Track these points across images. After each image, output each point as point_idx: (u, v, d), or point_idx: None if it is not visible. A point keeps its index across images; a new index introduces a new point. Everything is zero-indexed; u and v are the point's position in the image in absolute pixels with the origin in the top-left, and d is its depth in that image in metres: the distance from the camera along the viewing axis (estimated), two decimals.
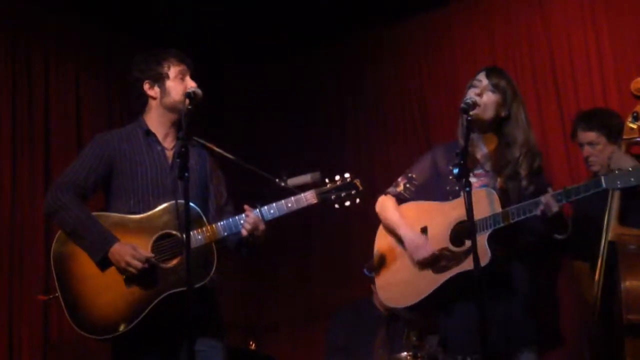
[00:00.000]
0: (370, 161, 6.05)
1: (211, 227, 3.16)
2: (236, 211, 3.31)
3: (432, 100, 5.76)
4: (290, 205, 3.18)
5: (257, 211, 3.18)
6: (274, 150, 6.20)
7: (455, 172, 2.87)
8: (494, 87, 3.25)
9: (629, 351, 3.35)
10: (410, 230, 3.38)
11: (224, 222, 3.18)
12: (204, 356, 3.09)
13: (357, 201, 3.22)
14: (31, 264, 4.86)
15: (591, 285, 3.68)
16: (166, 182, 3.24)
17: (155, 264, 3.09)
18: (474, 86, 3.29)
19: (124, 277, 3.10)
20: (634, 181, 2.86)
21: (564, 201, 2.98)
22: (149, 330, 3.08)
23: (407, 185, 3.49)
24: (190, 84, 3.30)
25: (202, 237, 3.13)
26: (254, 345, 5.33)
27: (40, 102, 5.14)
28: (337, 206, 3.22)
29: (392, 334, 4.90)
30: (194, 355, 2.80)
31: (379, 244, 3.53)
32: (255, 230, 3.15)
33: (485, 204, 3.10)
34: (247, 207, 3.19)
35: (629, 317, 3.32)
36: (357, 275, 5.69)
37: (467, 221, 3.11)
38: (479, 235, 3.10)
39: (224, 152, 3.40)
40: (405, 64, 5.98)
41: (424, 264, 3.32)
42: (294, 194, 3.19)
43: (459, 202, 3.23)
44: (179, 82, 3.30)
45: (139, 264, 3.06)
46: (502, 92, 3.25)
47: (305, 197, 3.19)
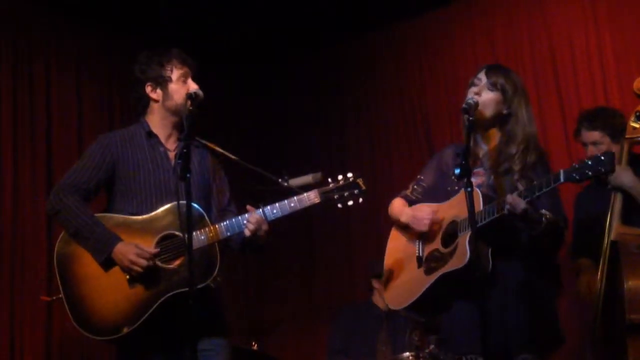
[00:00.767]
0: (371, 161, 6.06)
1: (214, 227, 3.15)
2: (239, 211, 3.30)
3: (433, 100, 5.76)
4: (293, 205, 3.16)
5: (260, 211, 3.16)
6: (274, 150, 6.20)
7: (456, 172, 2.84)
8: (492, 85, 3.22)
9: (631, 351, 3.34)
10: (409, 210, 3.34)
11: (226, 223, 3.17)
12: (208, 356, 3.09)
13: (360, 201, 3.21)
14: (33, 264, 4.87)
15: (595, 280, 3.67)
16: (169, 184, 3.23)
17: (158, 264, 3.09)
18: (474, 84, 3.27)
19: (128, 278, 3.09)
20: (591, 173, 2.85)
21: (529, 197, 2.91)
22: (153, 330, 3.07)
23: (415, 187, 3.46)
24: (192, 86, 3.27)
25: (205, 237, 3.12)
26: (256, 345, 5.33)
27: (41, 102, 5.15)
28: (340, 206, 3.20)
29: (394, 333, 4.91)
30: (198, 354, 2.80)
31: (389, 246, 3.51)
32: (258, 230, 3.15)
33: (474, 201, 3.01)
34: (250, 207, 3.18)
35: (632, 316, 3.31)
36: (358, 275, 5.71)
37: (455, 221, 3.14)
38: (461, 235, 3.09)
39: (226, 153, 3.38)
40: (405, 64, 5.99)
41: (419, 260, 3.27)
42: (297, 194, 3.17)
43: (452, 203, 3.23)
44: (181, 85, 3.27)
45: (143, 262, 3.05)
46: (501, 90, 3.22)
47: (308, 196, 3.17)
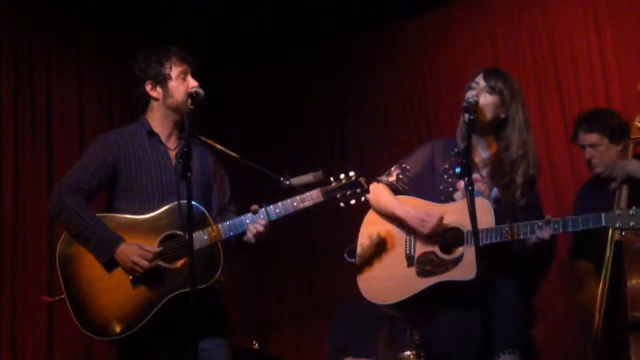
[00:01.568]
0: (371, 161, 6.04)
1: (216, 227, 3.14)
2: (238, 210, 3.30)
3: (434, 99, 5.75)
4: (295, 204, 3.15)
5: (263, 210, 3.15)
6: (274, 150, 6.19)
7: (457, 170, 2.82)
8: (491, 89, 3.21)
9: (634, 349, 3.35)
10: (408, 207, 3.25)
11: (229, 222, 3.16)
12: (209, 355, 3.08)
13: (363, 199, 3.19)
14: (34, 265, 4.85)
15: (596, 290, 3.67)
16: (170, 183, 3.22)
17: (161, 264, 3.08)
18: (471, 88, 3.26)
19: (131, 278, 3.08)
20: (634, 225, 2.85)
21: (560, 231, 2.91)
22: (156, 331, 3.06)
23: (401, 176, 3.36)
24: (192, 84, 3.26)
25: (207, 237, 3.11)
26: (257, 344, 5.33)
27: (42, 102, 5.14)
28: (342, 205, 3.18)
29: (395, 332, 4.90)
30: (199, 353, 2.80)
31: (368, 231, 3.37)
32: (263, 233, 3.14)
33: (481, 213, 2.92)
34: (256, 207, 3.16)
35: (635, 314, 3.33)
36: None
37: (459, 229, 3.09)
38: (468, 246, 3.06)
39: (227, 150, 3.36)
40: (406, 63, 5.97)
41: (409, 259, 3.22)
42: (299, 193, 3.16)
43: (453, 207, 3.19)
44: (181, 82, 3.26)
45: (145, 263, 3.04)
46: (499, 94, 3.20)
47: (310, 195, 3.15)
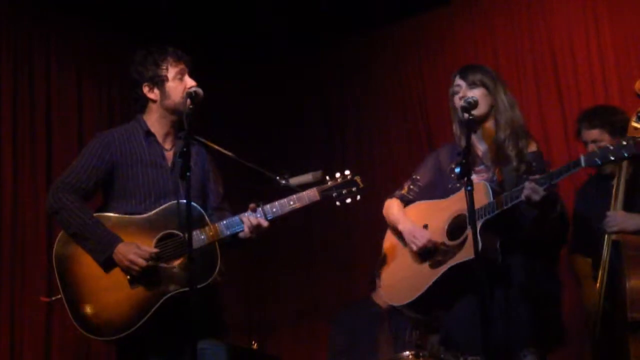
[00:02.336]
0: (371, 161, 6.05)
1: (214, 226, 3.13)
2: (233, 210, 3.29)
3: (434, 99, 5.74)
4: (292, 203, 3.16)
5: (260, 209, 3.15)
6: (274, 150, 6.19)
7: (457, 170, 2.87)
8: (473, 84, 3.28)
9: (633, 349, 3.34)
10: (409, 223, 3.39)
11: (226, 221, 3.15)
12: (208, 354, 3.07)
13: (358, 198, 3.22)
14: (33, 265, 4.85)
15: (593, 290, 3.68)
16: (167, 183, 3.21)
17: (158, 264, 3.08)
18: (455, 93, 3.32)
19: (128, 278, 3.07)
20: (613, 158, 2.85)
21: (547, 184, 2.93)
22: (154, 331, 3.06)
23: (411, 186, 3.50)
24: (189, 83, 3.24)
25: (205, 236, 3.10)
26: (256, 344, 5.32)
27: (41, 101, 5.14)
28: (338, 203, 3.21)
29: (395, 331, 4.90)
30: (197, 353, 2.79)
31: (385, 245, 3.55)
32: (257, 231, 3.14)
33: (481, 195, 3.09)
34: (253, 206, 3.16)
35: (634, 315, 3.32)
36: (358, 273, 5.69)
37: (463, 214, 3.14)
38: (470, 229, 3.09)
39: (224, 151, 3.36)
40: (406, 63, 5.97)
41: (422, 255, 3.31)
42: (296, 192, 3.16)
43: (456, 197, 3.25)
44: (178, 83, 3.24)
45: (142, 262, 3.03)
46: (482, 84, 3.28)
47: (307, 194, 3.16)
